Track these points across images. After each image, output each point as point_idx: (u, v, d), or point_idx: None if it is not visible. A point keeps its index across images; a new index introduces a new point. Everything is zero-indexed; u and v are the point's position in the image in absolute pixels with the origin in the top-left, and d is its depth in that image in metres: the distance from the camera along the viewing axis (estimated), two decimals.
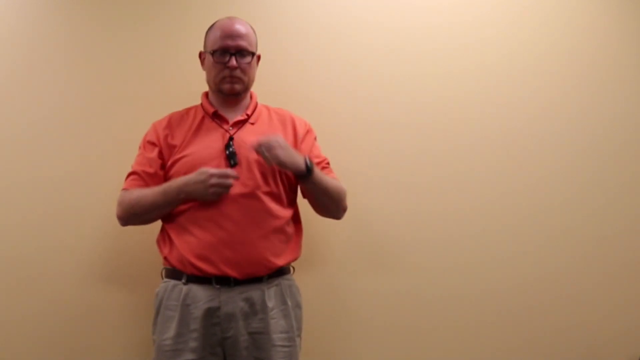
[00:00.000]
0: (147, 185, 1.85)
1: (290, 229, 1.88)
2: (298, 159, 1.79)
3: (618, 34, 2.34)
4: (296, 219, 1.94)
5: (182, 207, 1.82)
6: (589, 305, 2.28)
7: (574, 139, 2.30)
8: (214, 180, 1.74)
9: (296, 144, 1.90)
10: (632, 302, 2.31)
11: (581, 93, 2.32)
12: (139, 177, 1.87)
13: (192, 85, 2.02)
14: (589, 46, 2.33)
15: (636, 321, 2.31)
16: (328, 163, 1.98)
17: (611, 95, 2.33)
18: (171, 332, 1.79)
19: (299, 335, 1.90)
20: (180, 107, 1.97)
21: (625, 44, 2.34)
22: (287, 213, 1.87)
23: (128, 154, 1.96)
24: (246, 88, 1.91)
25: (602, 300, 2.29)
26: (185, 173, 1.81)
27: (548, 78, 2.30)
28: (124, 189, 1.88)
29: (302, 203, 1.98)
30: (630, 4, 2.36)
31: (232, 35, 1.86)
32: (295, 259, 1.90)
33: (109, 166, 2.09)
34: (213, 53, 1.87)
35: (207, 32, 1.93)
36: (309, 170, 1.80)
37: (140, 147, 1.92)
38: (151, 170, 1.86)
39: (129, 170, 1.90)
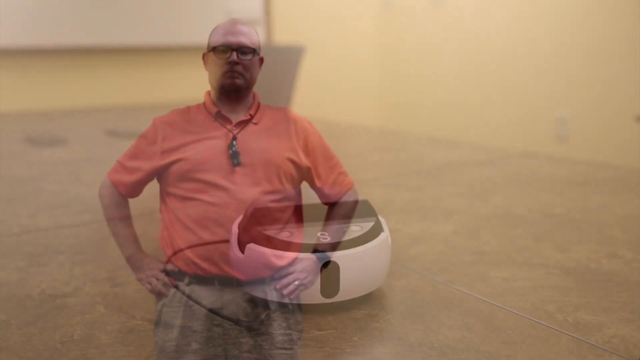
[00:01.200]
0: (126, 179, 1.88)
1: (293, 227, 1.88)
2: (317, 271, 1.86)
3: None
4: (299, 216, 1.94)
5: (187, 209, 1.82)
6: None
7: None
8: (152, 281, 1.81)
9: (298, 145, 1.91)
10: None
11: None
12: (121, 168, 1.91)
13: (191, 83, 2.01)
14: None
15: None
16: (338, 163, 1.99)
17: None
18: (173, 333, 1.80)
19: (300, 336, 1.90)
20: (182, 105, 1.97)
21: None
22: (290, 212, 1.88)
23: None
24: (248, 86, 1.91)
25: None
26: (186, 172, 1.82)
27: None
28: (109, 178, 1.91)
29: (304, 200, 1.97)
30: None
31: (234, 32, 1.88)
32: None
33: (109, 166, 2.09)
34: (215, 49, 1.87)
35: (210, 34, 1.93)
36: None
37: (137, 139, 1.94)
38: (130, 165, 1.89)
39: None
